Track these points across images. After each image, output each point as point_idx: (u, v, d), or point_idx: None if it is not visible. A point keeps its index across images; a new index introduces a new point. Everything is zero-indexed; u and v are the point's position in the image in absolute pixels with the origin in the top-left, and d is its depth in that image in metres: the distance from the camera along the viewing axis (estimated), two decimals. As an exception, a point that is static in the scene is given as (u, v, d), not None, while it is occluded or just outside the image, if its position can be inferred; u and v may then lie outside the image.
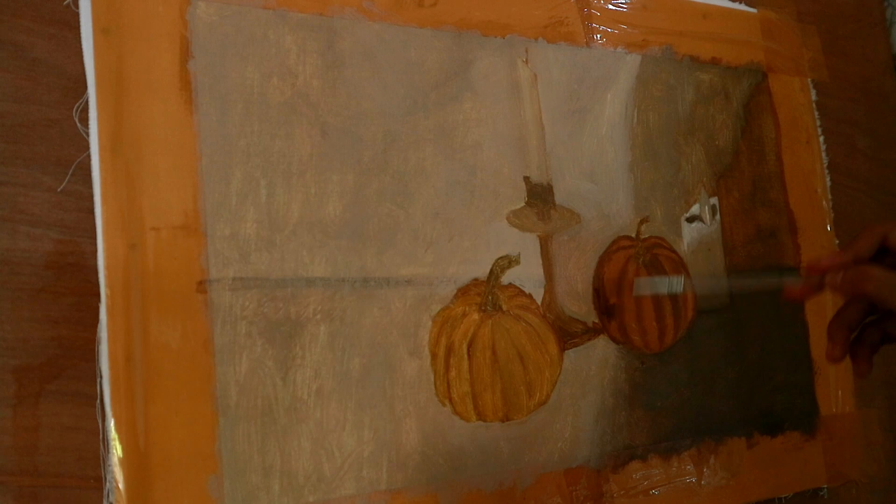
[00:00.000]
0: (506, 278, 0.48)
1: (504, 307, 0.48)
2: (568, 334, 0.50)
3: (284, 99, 0.43)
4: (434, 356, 0.45)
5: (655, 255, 0.54)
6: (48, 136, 0.38)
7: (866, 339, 0.44)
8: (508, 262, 0.48)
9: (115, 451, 0.37)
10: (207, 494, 0.38)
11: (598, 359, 0.51)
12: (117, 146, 0.39)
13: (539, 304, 0.49)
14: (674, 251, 0.55)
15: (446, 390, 0.45)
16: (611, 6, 0.55)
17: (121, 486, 0.36)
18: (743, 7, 0.61)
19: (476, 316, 0.47)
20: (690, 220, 0.56)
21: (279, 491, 0.40)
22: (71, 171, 0.38)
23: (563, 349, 0.49)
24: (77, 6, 0.39)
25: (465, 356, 0.46)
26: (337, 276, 0.43)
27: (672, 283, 0.52)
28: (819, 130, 0.64)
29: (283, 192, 0.42)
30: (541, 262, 0.50)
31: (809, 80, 0.64)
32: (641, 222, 0.54)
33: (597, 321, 0.51)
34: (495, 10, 0.50)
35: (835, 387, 0.61)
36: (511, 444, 0.47)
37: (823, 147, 0.64)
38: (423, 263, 0.46)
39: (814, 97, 0.64)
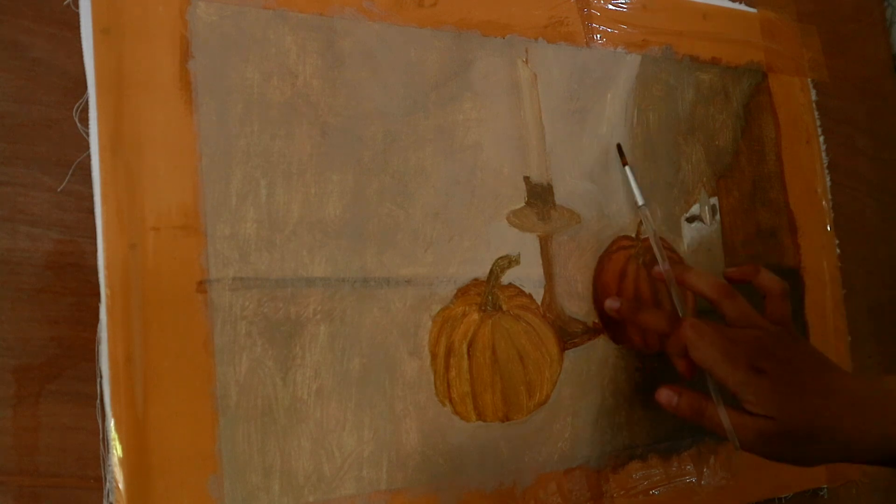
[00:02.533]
0: (506, 278, 0.48)
1: (504, 307, 0.48)
2: (568, 334, 0.50)
3: (284, 99, 0.43)
4: (434, 356, 0.45)
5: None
6: (48, 136, 0.38)
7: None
8: (508, 262, 0.48)
9: (115, 451, 0.37)
10: (207, 494, 0.38)
11: (598, 359, 0.51)
12: (117, 146, 0.39)
13: (539, 304, 0.49)
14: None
15: (446, 390, 0.45)
16: (611, 6, 0.55)
17: (121, 486, 0.36)
18: (743, 7, 0.61)
19: (476, 316, 0.47)
20: (690, 220, 0.56)
21: (279, 491, 0.40)
22: (71, 171, 0.38)
23: (563, 349, 0.49)
24: (77, 6, 0.39)
25: (465, 356, 0.46)
26: (337, 276, 0.43)
27: None
28: (819, 130, 0.64)
29: (283, 192, 0.42)
30: (541, 262, 0.50)
31: (809, 80, 0.64)
32: (641, 222, 0.54)
33: (597, 321, 0.51)
34: (495, 10, 0.50)
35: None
36: (511, 444, 0.47)
37: (823, 147, 0.64)
38: (423, 263, 0.46)
39: (814, 97, 0.64)
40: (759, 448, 0.42)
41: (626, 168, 0.51)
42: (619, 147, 0.52)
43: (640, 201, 0.51)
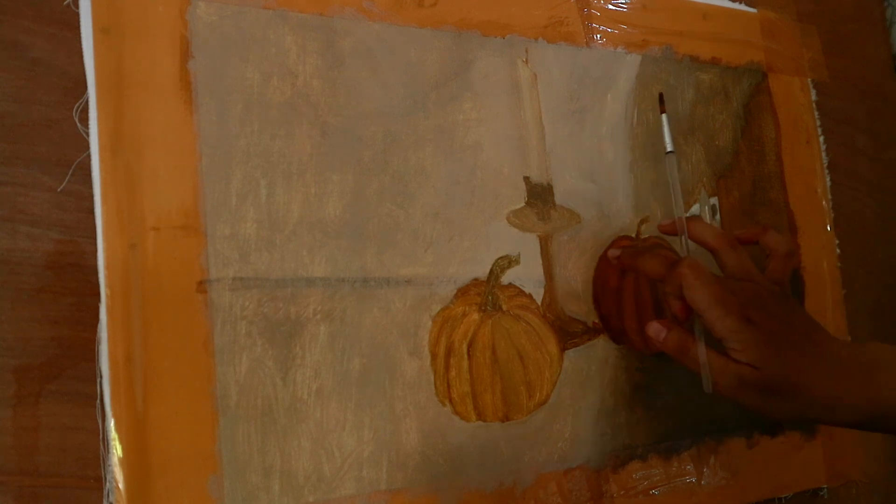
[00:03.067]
0: (506, 278, 0.48)
1: (504, 307, 0.48)
2: (568, 334, 0.50)
3: (284, 99, 0.43)
4: (434, 356, 0.45)
5: (655, 255, 0.54)
6: (48, 136, 0.38)
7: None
8: (508, 262, 0.48)
9: (115, 451, 0.37)
10: (207, 494, 0.38)
11: (598, 359, 0.51)
12: (117, 146, 0.39)
13: (539, 304, 0.49)
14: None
15: (446, 390, 0.45)
16: (611, 6, 0.55)
17: (121, 486, 0.36)
18: (743, 7, 0.62)
19: (476, 316, 0.47)
20: (690, 220, 0.56)
21: (279, 491, 0.40)
22: (71, 171, 0.38)
23: (563, 349, 0.49)
24: (77, 6, 0.39)
25: (465, 356, 0.46)
26: (337, 276, 0.43)
27: None
28: (819, 130, 0.64)
29: (283, 192, 0.42)
30: (541, 262, 0.50)
31: (809, 80, 0.64)
32: (641, 222, 0.54)
33: (597, 321, 0.51)
34: (495, 10, 0.50)
35: (835, 387, 0.61)
36: (511, 444, 0.47)
37: (823, 147, 0.64)
38: (423, 263, 0.46)
39: (814, 97, 0.64)
40: (735, 393, 0.42)
41: (663, 116, 0.50)
42: (661, 96, 0.51)
43: (670, 147, 0.49)
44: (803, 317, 0.44)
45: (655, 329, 0.46)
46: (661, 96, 0.51)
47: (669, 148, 0.50)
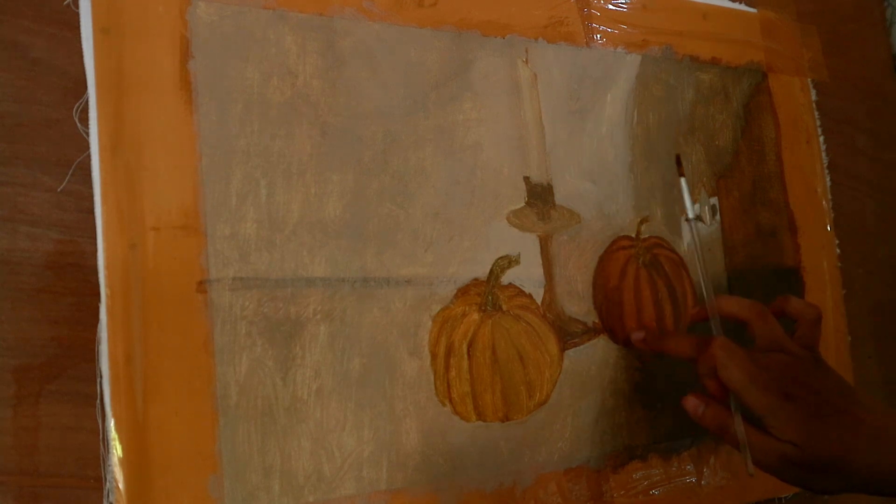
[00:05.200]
0: (506, 278, 0.48)
1: (504, 307, 0.48)
2: (568, 334, 0.50)
3: (284, 99, 0.43)
4: (434, 356, 0.45)
5: (655, 255, 0.54)
6: (48, 136, 0.38)
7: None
8: (508, 262, 0.48)
9: (115, 451, 0.37)
10: (207, 494, 0.38)
11: (598, 359, 0.51)
12: (117, 146, 0.39)
13: (539, 304, 0.49)
14: (674, 251, 0.55)
15: (446, 390, 0.45)
16: (611, 6, 0.55)
17: (121, 486, 0.36)
18: (743, 7, 0.62)
19: (476, 316, 0.47)
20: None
21: (279, 491, 0.40)
22: (71, 171, 0.38)
23: (563, 349, 0.49)
24: (77, 6, 0.39)
25: (465, 356, 0.46)
26: (337, 276, 0.43)
27: None
28: (819, 130, 0.64)
29: (283, 192, 0.42)
30: (541, 262, 0.50)
31: (809, 80, 0.64)
32: (641, 222, 0.54)
33: (597, 321, 0.51)
34: (495, 10, 0.50)
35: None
36: (511, 444, 0.47)
37: (823, 147, 0.64)
38: (423, 263, 0.46)
39: (814, 97, 0.64)
40: (778, 471, 0.42)
41: (682, 179, 0.49)
42: (677, 158, 0.51)
43: (691, 213, 0.49)
44: (838, 383, 0.44)
45: (693, 404, 0.45)
46: (678, 159, 0.49)
47: (690, 214, 0.48)
